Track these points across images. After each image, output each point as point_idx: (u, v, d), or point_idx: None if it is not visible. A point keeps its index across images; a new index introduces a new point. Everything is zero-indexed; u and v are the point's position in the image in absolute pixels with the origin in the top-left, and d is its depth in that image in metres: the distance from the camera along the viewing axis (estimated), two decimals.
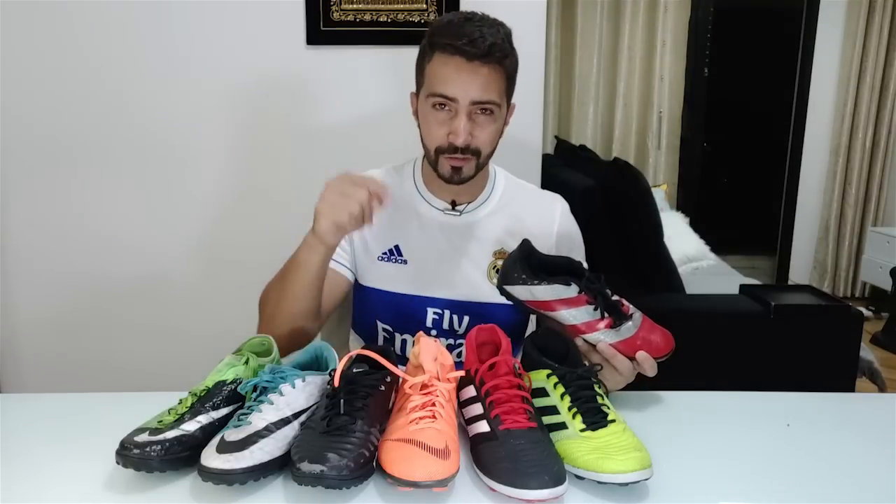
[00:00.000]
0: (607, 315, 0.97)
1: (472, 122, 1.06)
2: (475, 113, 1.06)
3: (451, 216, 1.19)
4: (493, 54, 1.02)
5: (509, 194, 1.22)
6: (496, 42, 1.02)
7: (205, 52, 1.85)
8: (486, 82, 1.04)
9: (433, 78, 1.06)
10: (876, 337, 3.48)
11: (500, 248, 1.18)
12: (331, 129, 1.90)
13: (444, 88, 1.04)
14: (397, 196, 1.20)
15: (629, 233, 2.04)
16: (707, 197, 4.36)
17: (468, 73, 1.03)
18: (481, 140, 1.08)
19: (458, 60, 1.02)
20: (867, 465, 0.86)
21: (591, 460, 0.77)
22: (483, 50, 1.01)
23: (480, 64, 1.02)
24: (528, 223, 1.19)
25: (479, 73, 1.03)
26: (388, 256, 1.18)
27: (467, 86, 1.03)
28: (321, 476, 0.72)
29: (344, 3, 1.82)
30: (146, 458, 0.77)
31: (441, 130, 1.07)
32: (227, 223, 1.95)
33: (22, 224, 1.92)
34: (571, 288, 0.97)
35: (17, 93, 1.85)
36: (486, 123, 1.07)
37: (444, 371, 0.85)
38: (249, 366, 0.92)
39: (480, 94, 1.04)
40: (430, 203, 1.19)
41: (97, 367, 1.98)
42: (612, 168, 2.32)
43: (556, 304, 0.97)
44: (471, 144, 1.07)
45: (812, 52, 4.07)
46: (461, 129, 1.05)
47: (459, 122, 1.05)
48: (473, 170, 1.11)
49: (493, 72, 1.04)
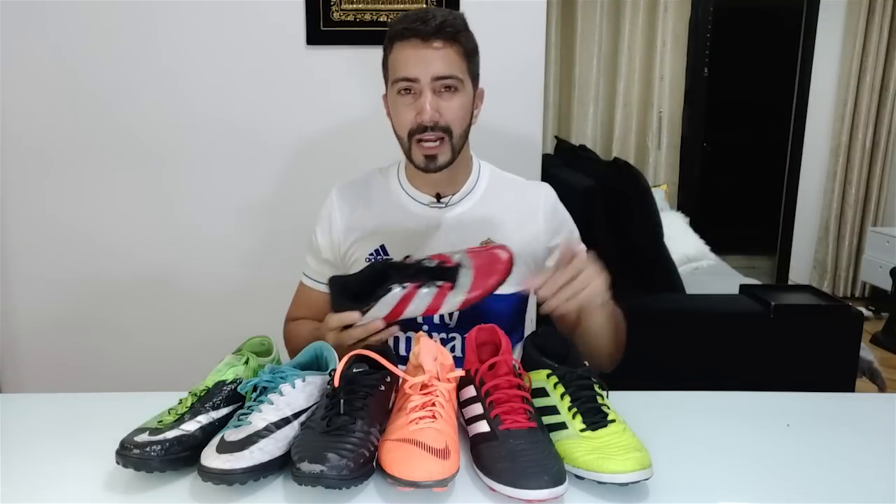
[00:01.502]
0: (440, 282, 0.96)
1: (437, 98, 1.09)
2: (439, 91, 1.09)
3: (437, 209, 1.20)
4: (444, 30, 1.07)
5: (494, 186, 1.23)
6: (447, 19, 1.07)
7: (205, 52, 1.85)
8: (443, 57, 1.08)
9: (395, 66, 1.11)
10: (876, 337, 3.48)
11: (486, 238, 1.18)
12: (330, 129, 1.90)
13: (406, 70, 1.08)
14: (382, 197, 1.23)
15: (629, 233, 2.04)
16: (707, 197, 4.36)
17: (425, 51, 1.07)
18: (449, 116, 1.10)
19: (413, 42, 1.07)
20: (867, 465, 0.85)
21: (591, 460, 0.77)
22: (434, 27, 1.06)
23: (435, 40, 1.07)
24: (513, 213, 1.20)
25: (436, 50, 1.07)
26: (375, 257, 1.19)
27: (426, 63, 1.07)
28: (321, 476, 0.72)
29: (344, 3, 1.82)
30: (146, 458, 0.77)
31: (409, 114, 1.10)
32: (226, 223, 1.95)
33: (21, 225, 1.92)
34: (396, 291, 0.95)
35: (16, 94, 1.85)
36: (451, 98, 1.10)
37: (444, 371, 0.85)
38: (249, 366, 0.92)
39: (440, 68, 1.08)
40: (414, 198, 1.21)
41: (97, 368, 1.99)
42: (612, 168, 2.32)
43: (399, 309, 0.97)
44: (439, 121, 1.09)
45: (812, 51, 4.07)
46: (426, 105, 1.08)
47: (424, 99, 1.08)
48: (448, 153, 1.12)
49: (449, 48, 1.08)
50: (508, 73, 1.83)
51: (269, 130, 1.90)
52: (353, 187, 1.26)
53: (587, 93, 3.87)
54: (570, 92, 3.89)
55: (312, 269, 1.27)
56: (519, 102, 1.87)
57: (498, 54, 1.74)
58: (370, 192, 1.24)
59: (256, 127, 1.90)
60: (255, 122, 1.89)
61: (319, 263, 1.25)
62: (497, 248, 1.01)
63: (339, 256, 1.23)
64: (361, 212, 1.22)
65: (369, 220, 1.21)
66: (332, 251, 1.23)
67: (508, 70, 1.83)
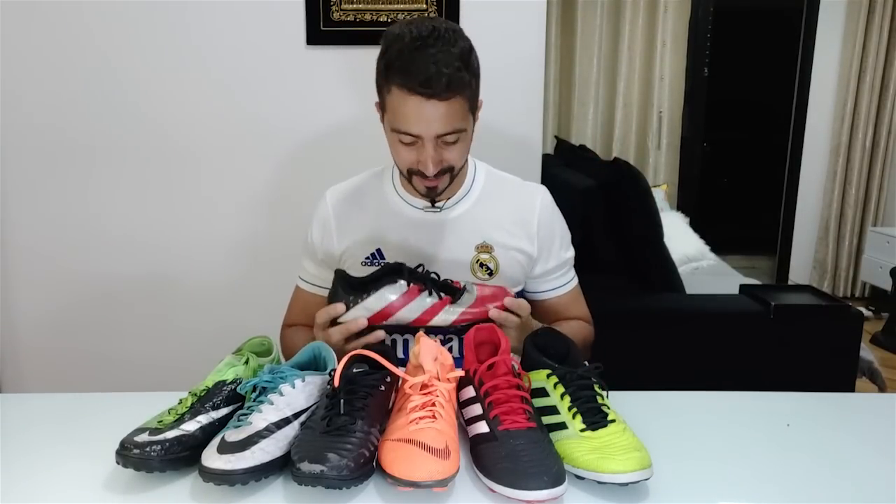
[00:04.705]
0: (444, 294, 0.98)
1: (439, 150, 1.05)
2: (441, 143, 1.05)
3: (432, 213, 1.19)
4: (451, 88, 1.00)
5: (490, 188, 1.22)
6: (452, 75, 0.99)
7: (205, 52, 1.85)
8: (447, 115, 1.02)
9: (394, 113, 1.04)
10: (876, 337, 3.48)
11: (482, 241, 1.18)
12: (330, 129, 1.90)
13: (408, 126, 1.03)
14: (377, 201, 1.22)
15: (629, 233, 2.04)
16: (707, 197, 4.36)
17: (429, 111, 1.01)
18: (452, 160, 1.08)
19: (416, 100, 1.00)
20: (867, 465, 0.85)
21: (591, 460, 0.77)
22: (440, 89, 0.98)
23: (439, 101, 1.00)
24: (508, 216, 1.20)
25: (439, 108, 1.01)
26: (371, 261, 1.19)
27: (429, 123, 1.02)
28: (321, 476, 0.72)
29: (344, 3, 1.82)
30: (146, 458, 0.77)
31: (410, 157, 1.07)
32: (226, 223, 1.95)
33: (22, 223, 1.92)
34: (400, 284, 0.98)
35: (18, 93, 1.85)
36: (454, 146, 1.07)
37: (444, 371, 0.85)
38: (249, 366, 0.92)
39: (444, 127, 1.03)
40: (409, 203, 1.20)
41: (97, 367, 1.98)
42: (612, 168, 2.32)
43: (394, 308, 0.98)
44: (441, 167, 1.07)
45: (812, 52, 4.07)
46: (429, 161, 1.05)
47: (427, 154, 1.04)
48: (448, 182, 1.12)
49: (454, 103, 1.02)
50: (508, 73, 1.83)
51: (269, 130, 1.90)
52: (347, 191, 1.25)
53: (587, 93, 3.87)
54: (570, 92, 3.89)
55: (308, 273, 1.26)
56: (519, 102, 1.87)
57: (498, 54, 1.74)
58: (364, 195, 1.23)
59: (256, 127, 1.89)
60: (255, 121, 1.89)
61: (315, 266, 1.25)
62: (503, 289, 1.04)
63: (336, 259, 1.22)
64: (356, 216, 1.22)
65: (364, 224, 1.20)
66: (326, 253, 1.23)
67: (508, 70, 1.83)
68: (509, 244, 1.19)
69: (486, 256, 1.17)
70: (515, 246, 1.19)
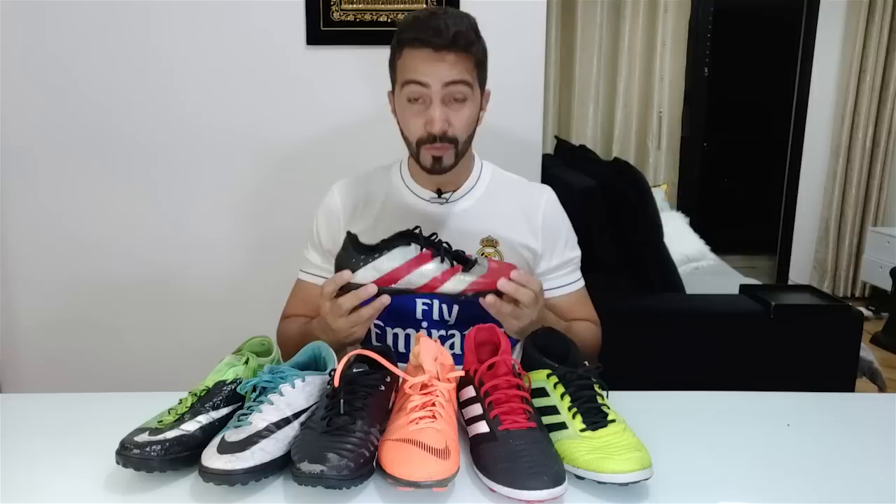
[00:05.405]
0: (455, 263, 0.98)
1: (446, 109, 1.09)
2: (449, 101, 1.09)
3: (438, 204, 1.21)
4: (458, 42, 1.06)
5: (495, 185, 1.24)
6: (460, 30, 1.07)
7: (205, 53, 1.85)
8: (455, 64, 1.08)
9: (405, 70, 1.10)
10: (876, 337, 3.48)
11: (487, 235, 1.19)
12: (330, 129, 1.90)
13: (416, 75, 1.08)
14: (384, 192, 1.24)
15: (629, 233, 2.04)
16: (707, 197, 4.36)
17: (437, 62, 1.07)
18: (457, 127, 1.11)
19: (425, 52, 1.07)
20: (867, 465, 0.85)
21: (591, 460, 0.77)
22: (448, 39, 1.05)
23: (448, 52, 1.06)
24: (513, 211, 1.21)
25: (447, 59, 1.07)
26: None
27: (437, 71, 1.07)
28: (321, 476, 0.72)
29: (344, 3, 1.82)
30: (146, 458, 0.77)
31: (418, 122, 1.11)
32: (226, 223, 1.95)
33: (21, 225, 1.92)
34: (413, 247, 0.98)
35: (15, 95, 1.85)
36: (461, 109, 1.11)
37: (444, 371, 0.85)
38: (249, 366, 0.92)
39: (451, 75, 1.07)
40: (416, 193, 1.22)
41: (97, 368, 1.98)
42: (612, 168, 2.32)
43: (404, 270, 0.97)
44: (448, 132, 1.10)
45: (812, 52, 4.07)
46: (437, 117, 1.09)
47: (434, 110, 1.09)
48: (453, 158, 1.14)
49: (461, 58, 1.08)
50: (508, 73, 1.81)
51: (269, 130, 1.90)
52: (355, 183, 1.26)
53: (587, 93, 3.87)
54: (570, 92, 3.89)
55: (312, 265, 1.26)
56: (519, 103, 1.87)
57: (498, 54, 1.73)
58: (372, 187, 1.25)
59: (256, 127, 1.89)
60: (255, 122, 1.89)
61: (320, 257, 1.25)
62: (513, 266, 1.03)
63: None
64: (364, 206, 1.23)
65: (371, 215, 1.22)
66: (333, 243, 1.22)
67: (508, 70, 1.81)
68: (514, 239, 1.19)
69: (491, 250, 1.19)
70: (520, 241, 1.20)
